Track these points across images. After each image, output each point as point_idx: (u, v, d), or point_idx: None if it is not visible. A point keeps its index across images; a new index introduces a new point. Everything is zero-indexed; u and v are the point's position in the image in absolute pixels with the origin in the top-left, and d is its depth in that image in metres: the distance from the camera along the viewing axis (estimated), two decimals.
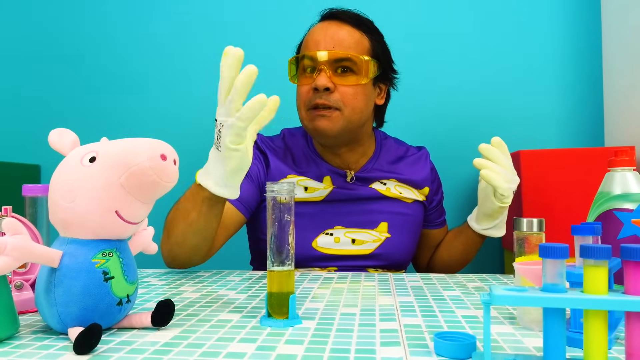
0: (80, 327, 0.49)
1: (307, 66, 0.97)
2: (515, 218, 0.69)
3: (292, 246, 0.57)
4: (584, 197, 1.16)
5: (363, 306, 0.64)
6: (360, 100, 0.97)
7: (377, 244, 1.00)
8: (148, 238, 0.60)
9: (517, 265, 0.55)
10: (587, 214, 1.17)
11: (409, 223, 1.05)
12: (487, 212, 0.97)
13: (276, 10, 1.54)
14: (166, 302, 0.53)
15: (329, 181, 1.02)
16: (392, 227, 1.02)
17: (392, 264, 1.03)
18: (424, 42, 1.49)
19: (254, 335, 0.51)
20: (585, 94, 1.44)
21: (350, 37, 0.97)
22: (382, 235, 1.01)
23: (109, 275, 0.50)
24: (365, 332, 0.52)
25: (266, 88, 1.00)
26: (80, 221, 0.49)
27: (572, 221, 1.11)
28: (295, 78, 1.00)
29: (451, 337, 0.46)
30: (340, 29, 0.97)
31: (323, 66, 0.94)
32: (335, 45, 0.95)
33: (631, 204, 0.57)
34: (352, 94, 0.95)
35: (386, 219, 1.02)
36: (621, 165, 0.60)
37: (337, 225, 1.00)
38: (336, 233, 0.99)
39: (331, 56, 0.94)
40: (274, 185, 0.56)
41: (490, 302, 0.41)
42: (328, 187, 1.01)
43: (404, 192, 1.05)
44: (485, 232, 1.00)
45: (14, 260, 0.46)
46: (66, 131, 0.53)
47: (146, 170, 0.49)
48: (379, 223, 1.02)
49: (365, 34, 0.99)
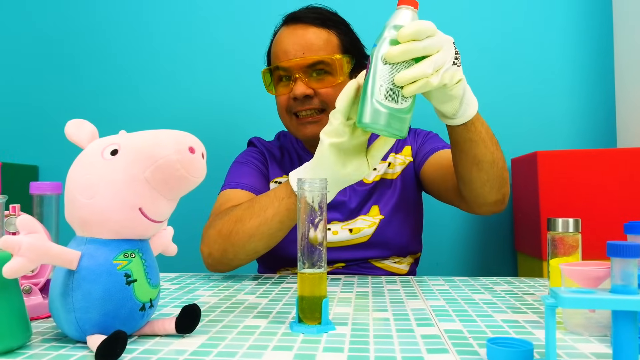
0: (100, 335, 0.45)
1: (281, 76, 0.95)
2: (550, 218, 0.66)
3: (324, 247, 0.53)
4: (600, 197, 1.13)
5: (394, 310, 0.61)
6: None
7: (373, 228, 0.97)
8: (168, 238, 0.56)
9: (563, 267, 0.52)
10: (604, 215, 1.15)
11: (398, 200, 1.00)
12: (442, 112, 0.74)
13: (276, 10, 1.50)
14: (192, 308, 0.50)
15: None
16: (383, 209, 0.99)
17: (395, 249, 0.99)
18: None
19: (288, 343, 0.47)
20: (597, 95, 1.42)
21: (318, 39, 0.94)
22: (376, 219, 0.98)
23: (132, 278, 0.46)
24: (405, 338, 0.49)
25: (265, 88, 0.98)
26: (101, 219, 0.45)
27: (590, 221, 1.08)
28: (272, 88, 0.98)
29: (505, 343, 0.43)
30: (307, 32, 0.94)
31: (298, 74, 0.92)
32: (305, 52, 0.93)
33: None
34: (332, 94, 0.93)
35: (375, 201, 1.00)
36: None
37: (333, 220, 0.98)
38: (334, 227, 0.97)
39: (303, 63, 0.92)
40: (305, 182, 0.53)
41: (556, 304, 0.37)
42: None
43: (388, 168, 1.02)
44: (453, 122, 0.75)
45: (29, 261, 0.42)
46: (84, 122, 0.50)
47: (174, 163, 0.45)
48: (370, 208, 0.99)
49: (332, 31, 0.96)
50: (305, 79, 0.92)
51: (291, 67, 0.92)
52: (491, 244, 1.46)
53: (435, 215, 1.38)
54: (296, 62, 0.92)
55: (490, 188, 0.82)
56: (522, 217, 1.31)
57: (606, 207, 1.13)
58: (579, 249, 0.63)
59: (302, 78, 0.92)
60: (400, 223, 1.00)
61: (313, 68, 0.93)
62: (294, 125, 0.97)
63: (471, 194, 0.85)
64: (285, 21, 1.00)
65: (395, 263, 1.00)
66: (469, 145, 0.77)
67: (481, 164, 0.79)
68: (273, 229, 0.77)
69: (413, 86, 0.60)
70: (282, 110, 0.98)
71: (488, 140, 0.78)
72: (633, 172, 1.12)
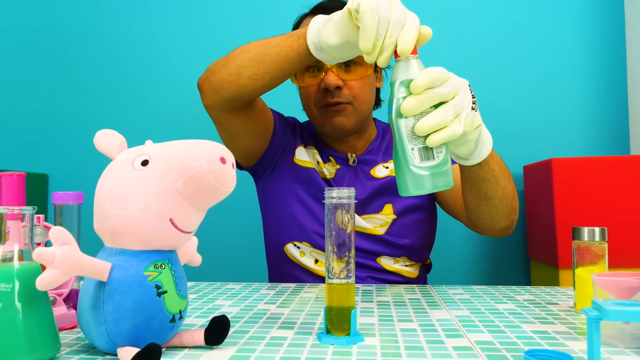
0: (130, 347, 0.44)
1: (310, 66, 0.94)
2: (575, 227, 0.66)
3: (353, 257, 0.53)
4: (615, 204, 1.13)
5: (419, 321, 0.60)
6: (367, 91, 0.96)
7: (386, 227, 0.96)
8: (193, 249, 0.56)
9: (595, 277, 0.52)
10: (619, 222, 1.14)
11: (412, 201, 0.99)
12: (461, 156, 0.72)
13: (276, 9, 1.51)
14: (221, 319, 0.49)
15: (333, 162, 1.01)
16: (396, 208, 0.98)
17: (406, 250, 0.97)
18: (446, 54, 1.46)
19: (319, 355, 0.47)
20: (609, 102, 1.42)
21: None
22: (389, 218, 0.97)
23: (162, 289, 0.46)
24: (437, 349, 0.48)
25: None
26: (132, 230, 0.45)
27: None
28: (296, 78, 0.96)
29: (544, 355, 0.42)
30: None
31: (329, 64, 0.91)
32: None
33: None
34: (360, 87, 0.94)
35: (389, 200, 0.98)
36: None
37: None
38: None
39: None
40: (333, 191, 0.53)
41: (601, 317, 0.37)
42: (335, 166, 1.00)
43: None
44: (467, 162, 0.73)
45: (63, 273, 0.41)
46: (113, 132, 0.49)
47: (205, 174, 0.45)
48: (383, 206, 0.98)
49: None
50: (336, 70, 0.92)
51: None
52: (503, 251, 1.45)
53: (446, 221, 1.37)
54: None
55: (499, 219, 0.83)
56: (536, 224, 1.30)
57: (621, 215, 1.12)
58: (605, 258, 0.63)
59: (333, 68, 0.91)
60: (413, 225, 0.98)
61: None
62: (322, 115, 0.95)
63: (479, 223, 0.87)
64: (313, 11, 0.99)
65: (406, 266, 0.99)
66: (480, 183, 0.76)
67: (491, 199, 0.79)
68: (268, 57, 0.77)
69: (437, 136, 0.56)
70: (310, 101, 0.96)
71: (500, 176, 0.77)
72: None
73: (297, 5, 1.02)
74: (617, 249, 1.04)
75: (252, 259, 1.41)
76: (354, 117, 0.95)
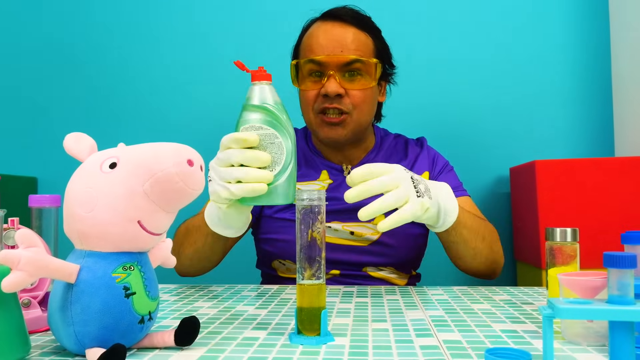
0: (98, 348, 0.45)
1: (312, 70, 0.94)
2: (548, 228, 0.66)
3: (323, 258, 0.53)
4: (598, 206, 1.13)
5: (393, 321, 0.61)
6: (368, 102, 0.96)
7: (376, 236, 0.96)
8: (167, 251, 0.56)
9: (561, 277, 0.52)
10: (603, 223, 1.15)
11: None
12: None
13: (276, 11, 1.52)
14: (191, 320, 0.50)
15: (325, 175, 1.00)
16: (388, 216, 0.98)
17: (393, 259, 0.97)
18: (432, 57, 1.48)
19: (287, 355, 0.47)
20: (594, 103, 1.43)
21: (357, 40, 0.94)
22: None
23: (130, 290, 0.46)
24: (404, 349, 0.49)
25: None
26: (100, 232, 0.45)
27: (589, 230, 1.08)
28: (297, 81, 0.97)
29: (504, 353, 0.43)
30: (346, 31, 0.94)
31: (332, 71, 0.91)
32: (344, 50, 0.92)
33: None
34: (361, 98, 0.93)
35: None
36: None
37: (334, 220, 0.96)
38: (334, 226, 0.96)
39: (340, 60, 0.91)
40: (304, 193, 0.53)
41: (554, 315, 0.37)
42: (325, 180, 0.99)
43: None
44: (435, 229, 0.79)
45: (29, 275, 0.42)
46: (83, 135, 0.50)
47: (172, 176, 0.45)
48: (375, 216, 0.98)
49: (369, 35, 0.97)
50: (339, 77, 0.91)
51: (327, 62, 0.91)
52: None
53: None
54: (333, 58, 0.91)
55: (476, 269, 0.91)
56: (521, 226, 1.31)
57: (604, 216, 1.13)
58: (577, 258, 0.63)
59: (336, 75, 0.91)
60: (405, 236, 0.97)
61: (348, 67, 0.92)
62: (317, 122, 0.95)
63: (459, 267, 0.93)
64: (322, 17, 0.98)
65: (392, 274, 0.99)
66: (450, 246, 0.85)
67: (463, 258, 0.87)
68: (207, 255, 0.87)
69: (387, 222, 0.65)
70: (307, 105, 0.96)
71: (471, 239, 0.83)
72: (631, 181, 1.13)
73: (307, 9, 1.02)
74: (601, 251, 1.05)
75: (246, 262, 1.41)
76: (350, 128, 0.94)
